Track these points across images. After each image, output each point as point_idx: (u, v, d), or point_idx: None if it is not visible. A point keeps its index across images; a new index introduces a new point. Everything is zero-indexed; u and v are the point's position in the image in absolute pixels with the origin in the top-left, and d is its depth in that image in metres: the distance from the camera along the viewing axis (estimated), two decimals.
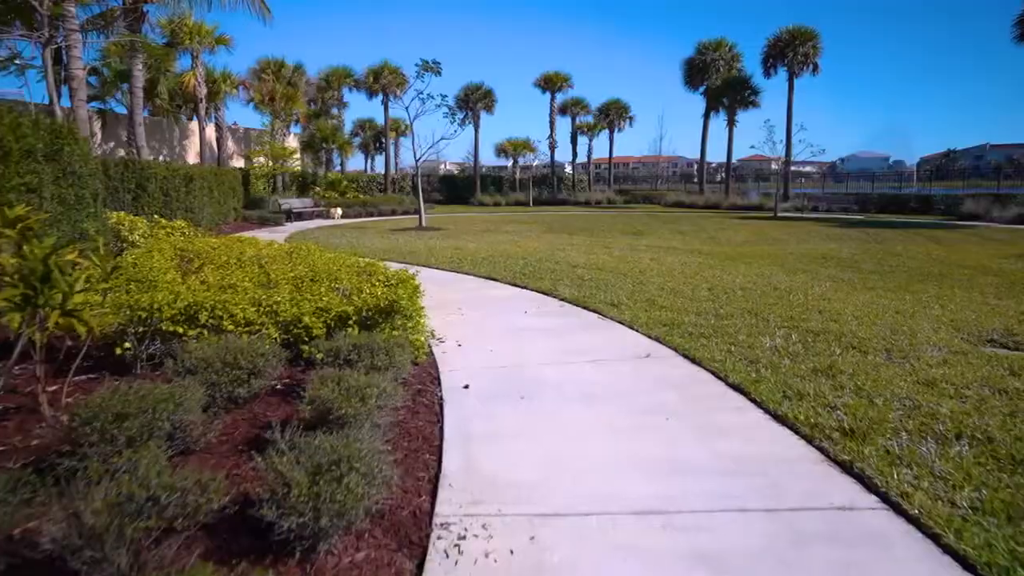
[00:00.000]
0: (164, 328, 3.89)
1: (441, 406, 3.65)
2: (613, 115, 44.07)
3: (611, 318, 6.01)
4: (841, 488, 2.64)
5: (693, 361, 4.52)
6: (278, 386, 3.82)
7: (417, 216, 20.02)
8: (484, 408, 3.61)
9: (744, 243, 15.18)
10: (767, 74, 35.34)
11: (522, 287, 7.96)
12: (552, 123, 41.16)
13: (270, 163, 26.23)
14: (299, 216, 24.16)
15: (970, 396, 3.62)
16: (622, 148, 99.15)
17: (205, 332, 3.97)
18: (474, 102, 37.93)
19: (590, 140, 45.46)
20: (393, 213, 27.55)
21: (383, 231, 17.96)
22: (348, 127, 44.81)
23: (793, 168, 37.42)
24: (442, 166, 78.23)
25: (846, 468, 2.79)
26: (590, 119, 43.99)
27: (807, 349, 4.74)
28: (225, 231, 17.66)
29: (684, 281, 8.02)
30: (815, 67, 34.55)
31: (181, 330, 3.92)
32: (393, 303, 4.17)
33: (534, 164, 43.73)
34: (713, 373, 4.23)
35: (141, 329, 3.90)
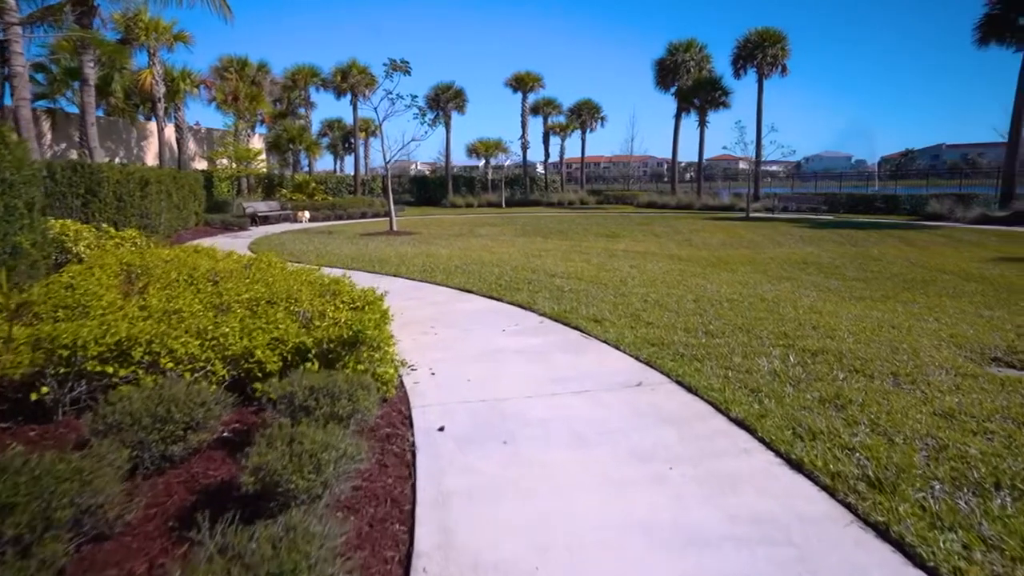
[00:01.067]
0: (90, 368, 3.36)
1: (413, 455, 3.21)
2: (585, 115, 43.92)
3: (595, 336, 5.62)
4: (882, 561, 2.28)
5: (689, 390, 4.15)
6: (225, 433, 3.33)
7: (388, 219, 19.45)
8: (462, 457, 3.17)
9: (721, 246, 15.00)
10: (737, 75, 35.59)
11: (498, 300, 7.53)
12: (524, 123, 40.84)
13: (233, 165, 25.29)
14: (265, 220, 23.34)
15: (995, 432, 3.32)
16: (594, 148, 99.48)
17: (140, 371, 3.45)
18: (445, 102, 37.35)
19: (562, 140, 45.27)
20: (363, 216, 26.86)
21: (352, 236, 17.34)
22: (316, 127, 43.85)
23: (761, 167, 37.77)
24: (413, 166, 77.40)
25: (882, 533, 2.43)
26: (562, 119, 43.78)
27: (808, 373, 4.41)
28: (184, 238, 16.87)
29: (667, 292, 7.69)
30: (783, 69, 34.90)
31: (110, 370, 3.39)
32: (358, 334, 3.70)
33: (506, 164, 43.35)
34: (712, 405, 3.86)
35: (62, 370, 3.36)
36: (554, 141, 44.67)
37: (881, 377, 4.30)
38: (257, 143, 32.51)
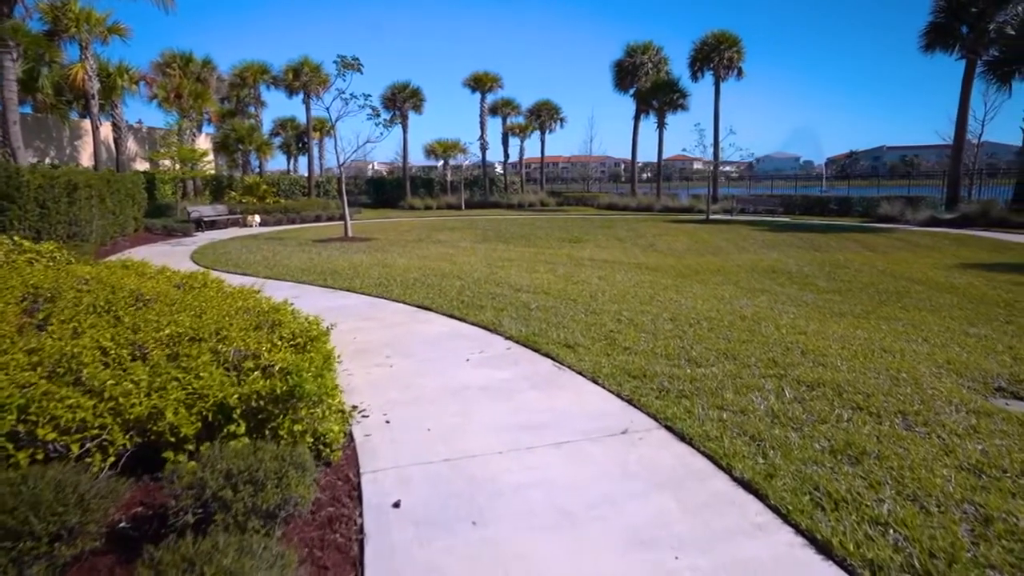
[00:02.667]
0: None
1: (361, 547, 2.59)
2: (544, 116, 43.61)
3: (569, 367, 5.08)
4: None
5: (681, 438, 3.65)
6: (122, 523, 2.65)
7: (343, 224, 18.55)
8: (422, 550, 2.57)
9: (687, 252, 14.74)
10: (694, 77, 35.74)
11: (460, 320, 6.94)
12: (483, 124, 40.19)
13: (177, 166, 23.89)
14: (211, 225, 22.12)
15: None
16: (553, 148, 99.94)
17: (10, 446, 2.74)
18: (401, 102, 36.39)
19: (521, 141, 44.83)
20: (317, 219, 25.82)
21: (304, 242, 16.44)
22: (267, 127, 42.29)
23: (718, 169, 38.09)
24: (370, 167, 75.89)
25: None
26: (521, 120, 43.35)
27: (809, 412, 3.97)
28: (121, 246, 15.73)
29: (640, 308, 7.23)
30: (739, 71, 35.21)
31: None
32: (294, 388, 3.06)
33: (464, 164, 42.67)
34: (711, 459, 3.36)
35: None
36: (513, 142, 44.21)
37: (888, 417, 3.88)
38: (204, 143, 31.04)
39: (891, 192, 31.09)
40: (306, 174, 35.14)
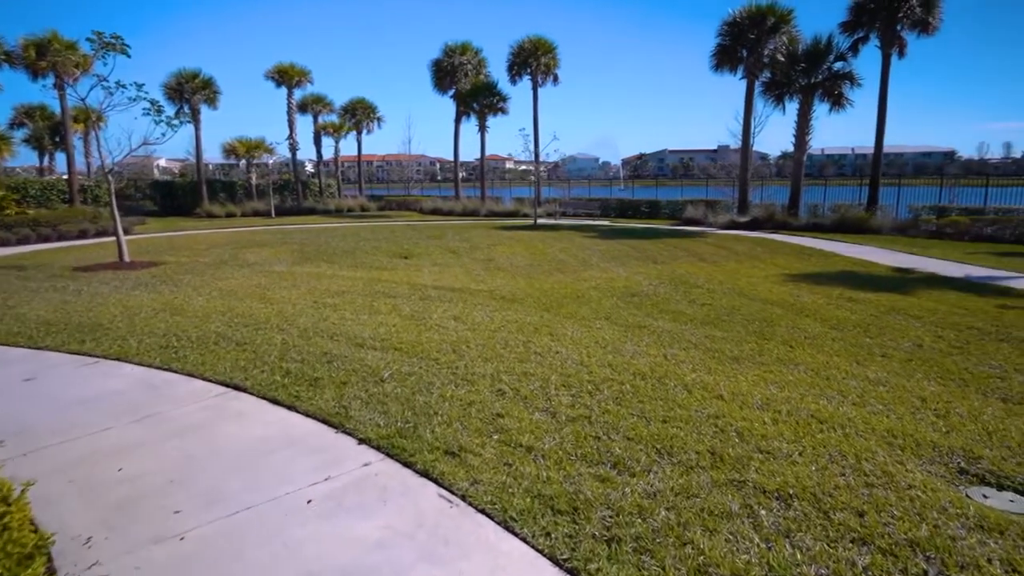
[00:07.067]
0: None
1: None
2: (360, 115, 40.96)
3: (463, 497, 3.58)
4: None
5: None
6: None
7: (117, 243, 14.77)
8: None
9: (532, 270, 13.85)
10: (513, 81, 35.77)
11: (289, 407, 5.06)
12: (291, 122, 36.38)
13: None
14: None
15: None
16: (369, 148, 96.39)
17: None
18: (190, 93, 31.43)
19: (336, 142, 41.75)
20: (83, 235, 20.95)
21: (60, 272, 12.71)
22: (5, 115, 34.10)
23: (524, 168, 38.72)
24: (156, 164, 66.39)
25: None
26: (335, 119, 40.23)
27: (811, 559, 2.91)
28: None
29: (521, 368, 5.92)
30: (555, 78, 35.99)
31: None
32: None
33: (271, 162, 38.37)
34: None
35: None
36: (328, 142, 40.94)
37: (904, 555, 2.95)
38: None
39: (693, 195, 33.92)
40: (67, 176, 28.71)
